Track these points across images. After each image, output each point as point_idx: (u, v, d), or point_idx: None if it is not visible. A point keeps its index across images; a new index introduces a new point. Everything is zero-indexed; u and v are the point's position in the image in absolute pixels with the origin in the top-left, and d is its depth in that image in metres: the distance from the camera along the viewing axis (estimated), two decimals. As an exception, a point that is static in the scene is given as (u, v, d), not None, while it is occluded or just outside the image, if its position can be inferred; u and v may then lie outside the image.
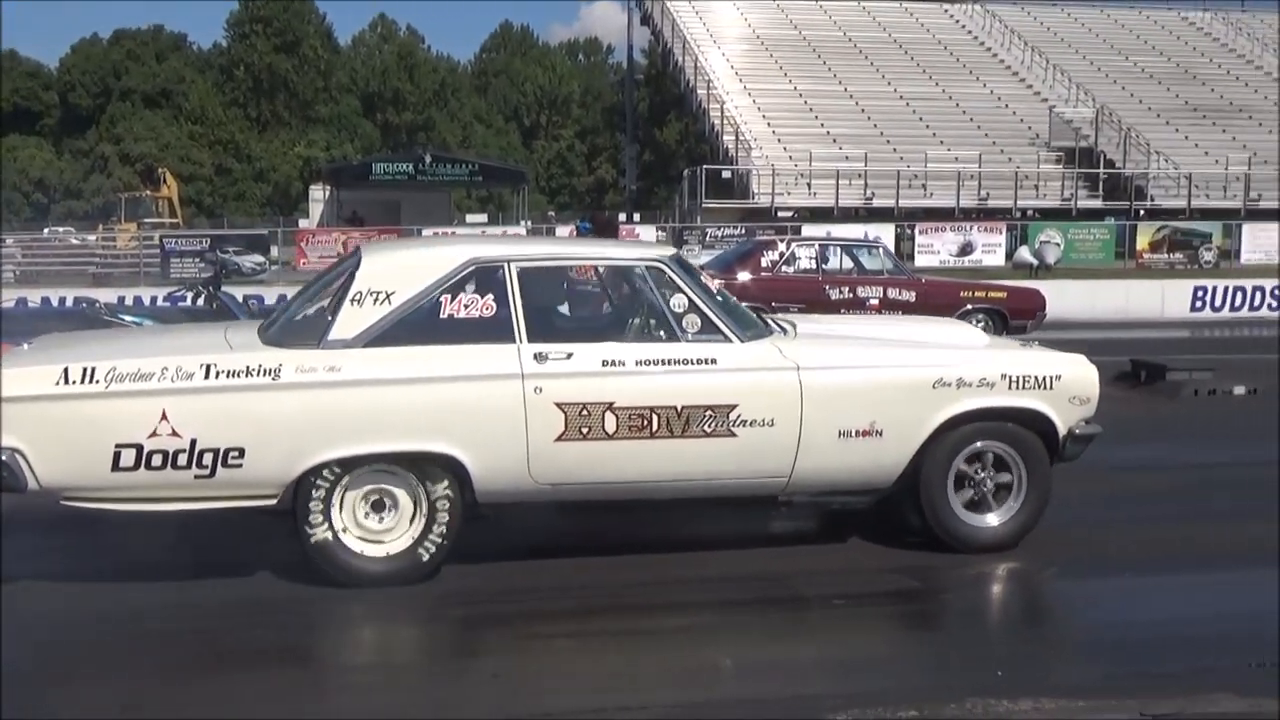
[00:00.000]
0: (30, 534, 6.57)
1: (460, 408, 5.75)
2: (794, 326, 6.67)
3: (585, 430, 5.81)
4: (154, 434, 5.52)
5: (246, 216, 62.75)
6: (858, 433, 6.14)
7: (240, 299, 10.86)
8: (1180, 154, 36.55)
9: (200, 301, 10.38)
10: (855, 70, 40.69)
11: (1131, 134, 36.31)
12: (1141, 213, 32.70)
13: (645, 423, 5.87)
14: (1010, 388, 6.37)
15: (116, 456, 5.52)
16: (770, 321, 6.65)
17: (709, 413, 5.93)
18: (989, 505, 6.44)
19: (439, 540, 5.83)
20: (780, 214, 32.33)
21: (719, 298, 6.40)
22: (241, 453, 5.59)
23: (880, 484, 6.38)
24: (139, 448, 5.52)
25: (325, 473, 5.71)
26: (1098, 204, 34.55)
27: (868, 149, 34.76)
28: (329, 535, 5.75)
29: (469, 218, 45.79)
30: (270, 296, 18.67)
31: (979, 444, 6.39)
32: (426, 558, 5.84)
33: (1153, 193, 34.89)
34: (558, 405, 5.79)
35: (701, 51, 40.65)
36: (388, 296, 5.81)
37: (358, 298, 5.80)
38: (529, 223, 36.34)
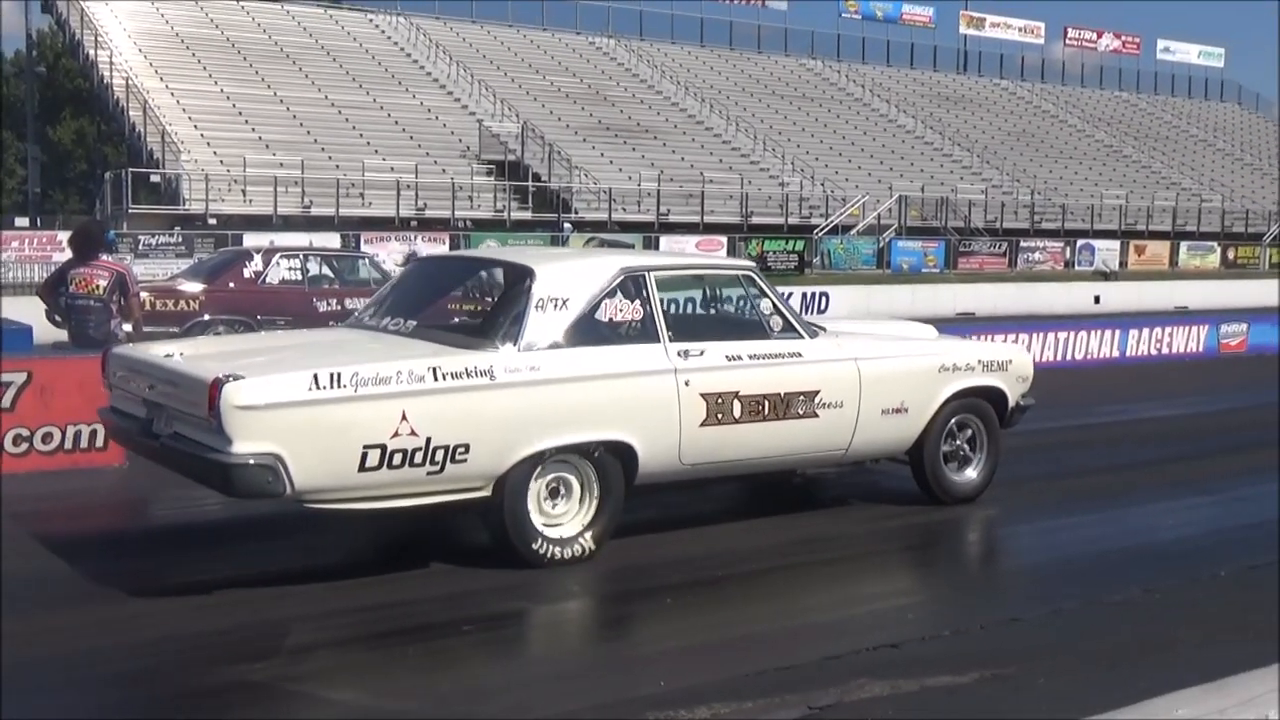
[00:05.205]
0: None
1: (633, 400, 6.54)
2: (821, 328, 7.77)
3: (720, 416, 6.77)
4: (395, 434, 5.81)
5: None
6: (893, 410, 7.51)
7: None
8: (598, 170, 38.96)
9: None
10: (284, 75, 39.64)
11: (554, 150, 38.18)
12: (569, 225, 34.41)
13: (760, 408, 6.92)
14: (984, 370, 8.02)
15: (363, 457, 5.75)
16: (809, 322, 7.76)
17: (802, 397, 7.09)
18: (964, 464, 8.04)
19: (606, 520, 6.50)
20: (212, 222, 30.87)
21: (786, 302, 7.49)
22: (467, 448, 6.00)
23: (899, 452, 7.83)
24: (383, 448, 5.79)
25: (528, 464, 6.21)
26: (528, 215, 35.99)
27: (303, 156, 33.94)
28: (531, 523, 6.30)
29: None
30: None
31: (957, 417, 7.92)
32: (597, 536, 6.48)
33: (576, 206, 36.90)
34: (701, 395, 6.71)
35: (116, 47, 37.86)
36: (564, 303, 6.49)
37: (541, 304, 6.41)
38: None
